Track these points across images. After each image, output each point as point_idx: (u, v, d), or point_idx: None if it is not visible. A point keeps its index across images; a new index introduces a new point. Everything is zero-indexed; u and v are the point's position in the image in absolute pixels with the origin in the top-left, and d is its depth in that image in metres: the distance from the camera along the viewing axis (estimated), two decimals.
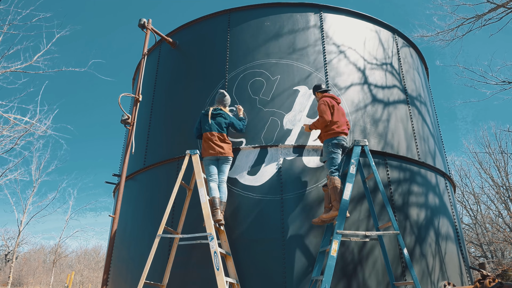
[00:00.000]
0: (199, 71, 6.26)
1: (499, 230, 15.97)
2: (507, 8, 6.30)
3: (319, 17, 6.40)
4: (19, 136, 8.89)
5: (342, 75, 5.96)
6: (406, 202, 5.39)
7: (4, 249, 39.14)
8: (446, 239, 5.71)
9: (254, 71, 5.87)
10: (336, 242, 4.08)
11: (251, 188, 5.06)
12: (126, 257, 5.72)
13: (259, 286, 4.55)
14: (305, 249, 4.66)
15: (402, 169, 5.62)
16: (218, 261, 4.09)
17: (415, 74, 7.18)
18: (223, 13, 6.55)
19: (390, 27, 7.09)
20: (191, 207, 5.11)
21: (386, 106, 6.10)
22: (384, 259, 4.63)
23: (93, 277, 41.71)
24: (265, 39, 6.11)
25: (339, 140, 4.75)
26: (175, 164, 5.63)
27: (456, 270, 5.61)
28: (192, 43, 6.67)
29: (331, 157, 4.70)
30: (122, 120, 6.04)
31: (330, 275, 3.89)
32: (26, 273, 41.39)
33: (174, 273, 4.85)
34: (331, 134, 4.78)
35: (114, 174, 7.02)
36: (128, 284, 5.40)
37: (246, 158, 5.27)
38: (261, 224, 4.84)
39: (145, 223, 5.64)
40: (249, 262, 4.69)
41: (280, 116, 5.49)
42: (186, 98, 6.15)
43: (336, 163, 4.68)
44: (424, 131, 6.60)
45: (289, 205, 4.90)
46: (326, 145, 4.78)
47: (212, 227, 4.35)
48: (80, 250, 48.88)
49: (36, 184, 22.18)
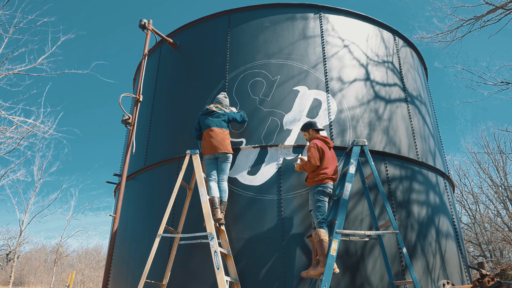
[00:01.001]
0: (199, 72, 6.29)
1: (498, 230, 16.01)
2: (505, 9, 6.34)
3: (319, 18, 6.42)
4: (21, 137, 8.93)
5: (341, 76, 5.98)
6: (405, 202, 5.41)
7: (6, 248, 39.20)
8: (446, 239, 5.73)
9: (254, 72, 5.89)
10: (336, 241, 4.10)
11: (251, 188, 5.08)
12: (127, 256, 5.75)
13: (259, 285, 4.57)
14: (305, 248, 4.69)
15: (401, 168, 5.64)
16: (218, 260, 4.12)
17: (415, 74, 7.21)
18: (223, 14, 6.57)
19: (390, 27, 7.11)
20: (191, 207, 5.14)
21: (386, 106, 6.12)
22: (383, 259, 4.65)
23: (94, 276, 41.82)
24: (265, 40, 6.13)
25: (325, 188, 4.45)
26: (176, 164, 5.66)
27: (455, 269, 5.63)
28: (193, 43, 6.70)
29: (318, 206, 4.39)
30: (123, 120, 6.06)
31: (330, 275, 3.90)
32: (28, 273, 41.52)
33: (175, 272, 4.87)
34: (317, 181, 4.47)
35: (115, 174, 7.05)
36: (129, 283, 5.42)
37: (246, 158, 5.29)
38: (261, 223, 4.87)
39: (146, 222, 5.67)
40: (249, 261, 4.71)
41: (280, 116, 5.51)
42: (187, 98, 6.17)
43: (323, 212, 4.38)
44: (424, 131, 6.62)
45: (288, 204, 4.92)
46: (312, 193, 4.50)
47: (212, 226, 4.37)
48: (81, 249, 49.05)
49: (38, 184, 22.24)
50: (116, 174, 7.05)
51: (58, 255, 29.99)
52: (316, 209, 4.40)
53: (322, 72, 5.92)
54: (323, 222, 4.31)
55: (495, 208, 18.58)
